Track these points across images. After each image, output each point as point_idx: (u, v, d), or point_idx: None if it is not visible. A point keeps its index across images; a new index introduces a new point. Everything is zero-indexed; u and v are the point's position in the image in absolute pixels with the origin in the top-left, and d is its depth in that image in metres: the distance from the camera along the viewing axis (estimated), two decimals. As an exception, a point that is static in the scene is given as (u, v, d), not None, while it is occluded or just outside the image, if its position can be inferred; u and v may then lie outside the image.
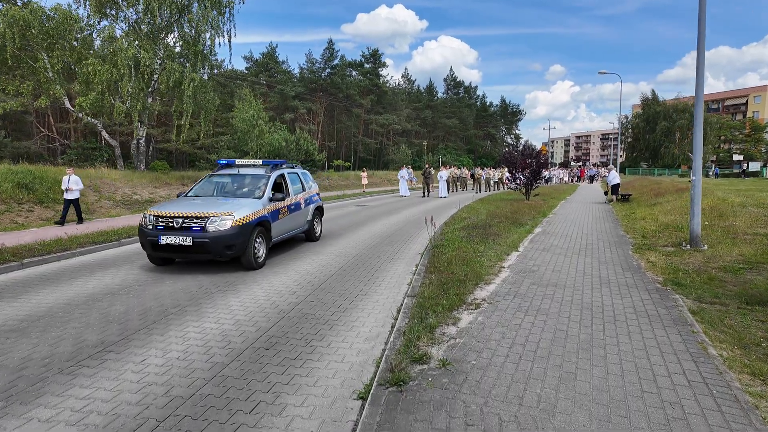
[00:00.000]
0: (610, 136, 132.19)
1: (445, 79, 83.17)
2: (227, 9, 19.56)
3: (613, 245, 9.18)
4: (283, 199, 8.30)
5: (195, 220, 6.89)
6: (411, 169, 29.07)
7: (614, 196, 19.84)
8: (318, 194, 10.51)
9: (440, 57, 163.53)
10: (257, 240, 7.35)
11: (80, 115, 19.37)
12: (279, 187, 8.80)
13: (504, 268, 7.06)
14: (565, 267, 7.13)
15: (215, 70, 57.09)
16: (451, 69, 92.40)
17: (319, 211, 10.40)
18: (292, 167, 9.83)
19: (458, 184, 30.60)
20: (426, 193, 24.49)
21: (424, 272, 6.75)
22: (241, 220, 7.02)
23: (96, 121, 20.12)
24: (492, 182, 31.81)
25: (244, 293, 5.99)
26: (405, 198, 23.14)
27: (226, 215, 6.94)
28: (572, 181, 45.50)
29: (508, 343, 4.04)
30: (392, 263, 7.86)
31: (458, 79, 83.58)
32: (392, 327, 4.68)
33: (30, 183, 13.10)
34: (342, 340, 4.38)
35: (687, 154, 36.40)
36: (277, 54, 59.42)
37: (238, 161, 9.21)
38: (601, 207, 17.83)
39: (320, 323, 4.86)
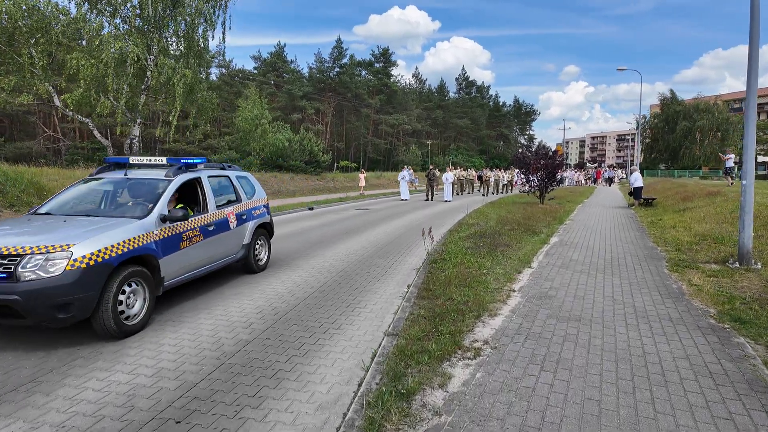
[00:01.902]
0: (627, 137, 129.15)
1: (456, 79, 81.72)
2: (223, 0, 18.56)
3: (643, 260, 7.84)
4: (185, 217, 5.29)
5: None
6: (412, 170, 27.58)
7: (636, 201, 18.36)
8: (266, 206, 7.79)
9: (453, 58, 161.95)
10: (127, 288, 4.50)
11: (69, 113, 18.53)
12: (192, 198, 6.26)
13: (514, 291, 5.79)
14: (590, 291, 5.83)
15: (223, 70, 56.64)
16: (463, 68, 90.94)
17: (265, 230, 7.59)
18: (223, 167, 7.13)
19: (465, 186, 29.02)
20: (430, 197, 22.75)
21: (416, 297, 5.52)
22: (88, 259, 4.12)
23: (87, 120, 19.26)
24: (501, 184, 30.23)
25: (186, 325, 4.82)
26: (407, 202, 21.61)
27: (58, 251, 4.06)
28: (588, 183, 43.67)
29: (516, 424, 2.79)
30: (381, 282, 6.64)
31: (470, 79, 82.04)
32: (359, 385, 3.46)
33: (1, 185, 12.15)
34: (286, 408, 3.18)
35: (719, 154, 34.44)
36: (285, 53, 58.69)
37: (132, 159, 6.15)
38: (622, 212, 16.39)
39: (267, 375, 3.66)
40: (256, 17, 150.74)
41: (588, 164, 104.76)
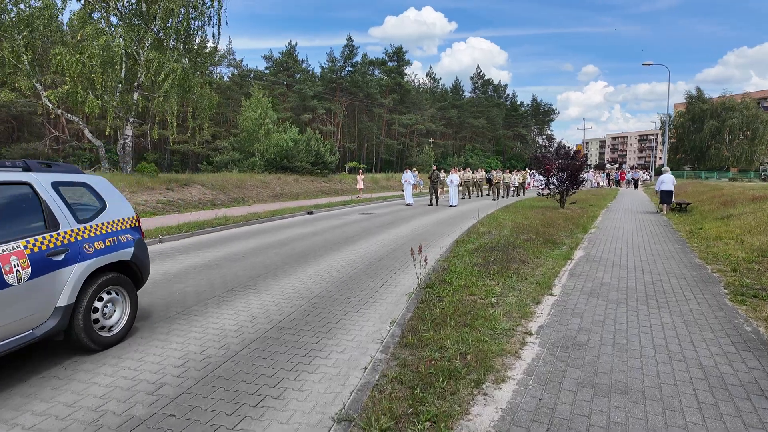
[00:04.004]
0: (649, 137, 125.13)
1: (472, 78, 79.95)
2: (217, -7, 17.40)
3: (693, 284, 6.27)
4: None
5: None
6: (416, 172, 25.80)
7: (665, 205, 16.52)
8: (132, 230, 4.79)
9: (469, 58, 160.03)
10: None
11: (59, 111, 17.59)
12: None
13: (530, 335, 4.33)
14: (633, 335, 4.33)
15: (234, 70, 55.95)
16: (478, 66, 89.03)
17: (123, 275, 4.53)
18: (26, 167, 4.04)
19: (472, 189, 26.87)
20: (434, 201, 20.51)
21: (397, 343, 4.11)
22: None
23: (77, 119, 18.31)
24: (512, 187, 27.57)
25: (74, 386, 3.49)
26: (412, 207, 19.44)
27: None
28: (611, 185, 41.32)
29: None
30: (360, 315, 5.23)
31: (486, 78, 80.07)
32: None
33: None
34: None
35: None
36: (296, 53, 57.76)
37: None
38: (653, 218, 14.68)
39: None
40: (272, 19, 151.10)
41: (608, 165, 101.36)
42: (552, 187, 17.18)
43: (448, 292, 5.65)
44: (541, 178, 21.93)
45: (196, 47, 18.73)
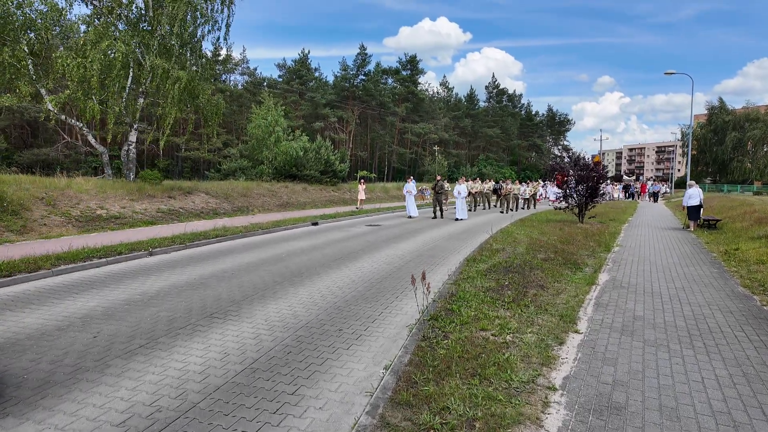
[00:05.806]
0: (668, 148, 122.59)
1: (486, 87, 79.08)
2: (227, -2, 16.97)
3: (742, 320, 5.38)
4: None
5: None
6: (425, 186, 24.51)
7: (692, 222, 15.46)
8: None
9: (484, 68, 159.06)
10: None
11: (63, 117, 17.26)
12: None
13: (554, 391, 3.52)
14: (683, 396, 3.48)
15: (247, 77, 56.04)
16: (493, 76, 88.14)
17: None
18: None
19: (478, 200, 25.60)
20: (438, 214, 19.03)
21: (389, 400, 3.33)
22: None
23: (81, 124, 17.97)
24: (522, 199, 26.01)
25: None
26: (416, 219, 18.17)
27: None
28: (636, 198, 39.74)
29: None
30: (351, 353, 4.46)
31: (501, 87, 79.14)
32: None
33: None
34: None
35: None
36: (309, 61, 57.63)
37: None
38: (680, 236, 13.68)
39: None
40: (288, 30, 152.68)
41: (625, 176, 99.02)
42: (570, 200, 16.25)
43: (455, 327, 4.86)
44: (557, 190, 20.96)
45: (209, 54, 18.33)
